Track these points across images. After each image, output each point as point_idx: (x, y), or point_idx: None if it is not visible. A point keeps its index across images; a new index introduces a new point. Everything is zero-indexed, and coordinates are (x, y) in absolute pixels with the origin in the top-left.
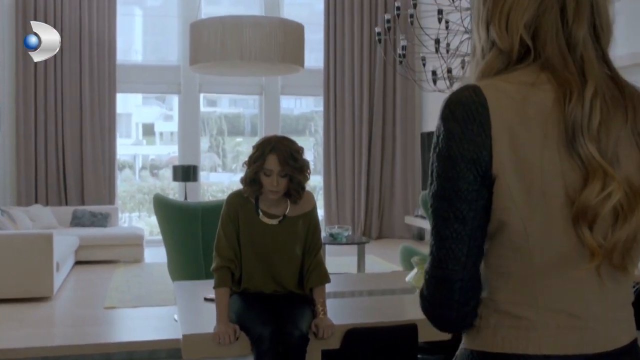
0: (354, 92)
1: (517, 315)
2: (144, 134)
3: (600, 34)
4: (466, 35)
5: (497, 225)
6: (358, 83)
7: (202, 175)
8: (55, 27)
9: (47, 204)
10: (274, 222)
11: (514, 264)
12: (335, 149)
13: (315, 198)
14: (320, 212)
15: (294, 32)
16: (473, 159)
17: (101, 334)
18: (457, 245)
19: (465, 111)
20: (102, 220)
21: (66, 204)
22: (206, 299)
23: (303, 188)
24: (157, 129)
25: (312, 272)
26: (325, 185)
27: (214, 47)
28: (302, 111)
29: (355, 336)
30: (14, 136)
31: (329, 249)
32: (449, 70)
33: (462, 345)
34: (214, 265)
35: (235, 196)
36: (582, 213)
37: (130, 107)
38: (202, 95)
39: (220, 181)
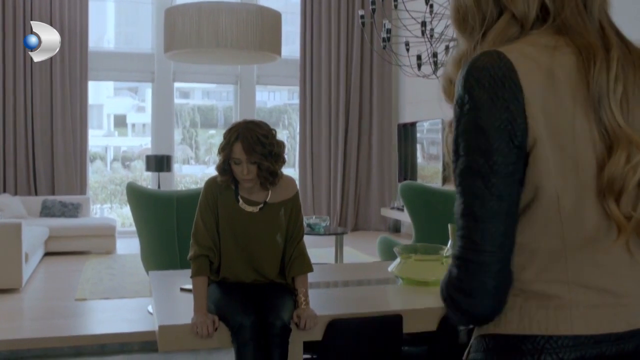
0: (330, 82)
1: (546, 293)
2: (116, 126)
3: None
4: (450, 43)
5: (531, 198)
6: (335, 73)
7: (175, 167)
8: (24, 14)
9: (15, 193)
10: (255, 209)
11: (543, 240)
12: (311, 140)
13: None
14: None
15: (271, 20)
16: (507, 129)
17: (72, 326)
18: (493, 225)
19: (493, 77)
20: (72, 210)
21: (36, 193)
22: (182, 289)
23: (275, 173)
24: (129, 121)
25: (294, 260)
26: (300, 177)
27: (189, 33)
28: (276, 104)
29: (338, 327)
30: None
31: (306, 240)
32: (434, 55)
33: (478, 333)
34: (191, 253)
35: (213, 182)
36: (609, 185)
37: (102, 98)
38: (175, 86)
39: (193, 173)
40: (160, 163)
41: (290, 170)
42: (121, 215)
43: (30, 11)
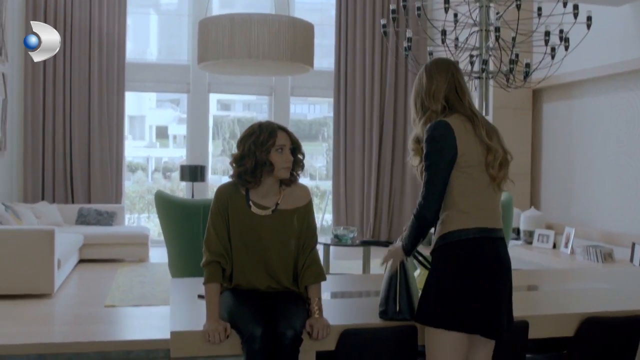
0: (364, 93)
1: (464, 211)
2: (158, 137)
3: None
4: (475, 28)
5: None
6: (369, 85)
7: (214, 178)
8: (65, 26)
9: (53, 201)
10: (267, 212)
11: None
12: (345, 151)
13: (325, 203)
14: (329, 217)
15: (303, 31)
16: (449, 151)
17: (98, 332)
18: (437, 191)
19: (444, 129)
20: (107, 218)
21: (72, 202)
22: (200, 297)
23: (301, 166)
24: (170, 132)
25: (306, 269)
26: (334, 188)
27: (222, 44)
28: (315, 116)
29: (352, 337)
30: (21, 133)
31: (333, 251)
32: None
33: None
34: (203, 260)
35: (224, 188)
36: (487, 164)
37: (144, 109)
38: (216, 98)
39: None
40: (194, 173)
41: (328, 183)
42: (157, 225)
43: (71, 24)
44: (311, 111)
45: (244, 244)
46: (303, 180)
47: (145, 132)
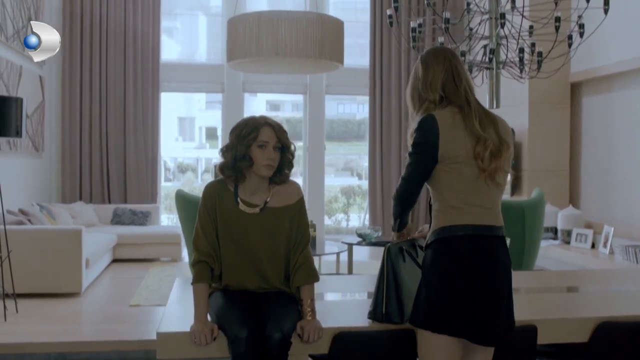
0: (400, 91)
1: (455, 207)
2: (207, 138)
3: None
4: (486, 16)
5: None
6: (405, 82)
7: None
8: (100, 28)
9: (90, 201)
10: (255, 210)
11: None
12: (380, 150)
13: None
14: (366, 216)
15: (332, 28)
16: (433, 144)
17: (119, 331)
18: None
19: (429, 124)
20: (142, 218)
21: (109, 202)
22: None
23: (290, 165)
24: (220, 133)
25: (298, 269)
26: (370, 187)
27: (249, 43)
28: (365, 116)
29: (345, 340)
30: (59, 135)
31: (356, 250)
32: (462, 54)
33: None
34: (191, 260)
35: (212, 186)
36: (476, 155)
37: (194, 111)
38: (265, 99)
39: None
40: None
41: (364, 182)
42: None
43: (107, 25)
44: (360, 110)
45: (232, 242)
46: (350, 179)
47: (195, 133)
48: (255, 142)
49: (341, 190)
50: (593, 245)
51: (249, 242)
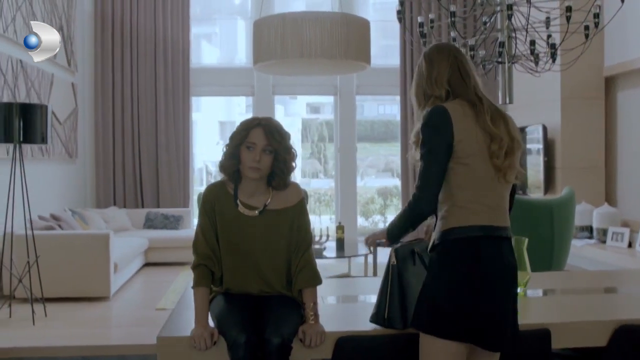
0: None
1: (465, 207)
2: None
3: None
4: (497, 8)
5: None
6: None
7: (304, 181)
8: (131, 33)
9: (124, 206)
10: (254, 213)
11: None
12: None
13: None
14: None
15: (357, 28)
16: (445, 137)
17: (145, 335)
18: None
19: (440, 115)
20: (174, 222)
21: (142, 206)
22: None
23: (289, 171)
24: None
25: (300, 272)
26: (403, 187)
27: (274, 44)
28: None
29: (349, 345)
30: (92, 141)
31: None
32: (472, 48)
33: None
34: (192, 264)
35: (211, 188)
36: (491, 154)
37: (234, 115)
38: (305, 102)
39: (321, 187)
40: None
41: (397, 181)
42: None
43: (137, 30)
44: (397, 111)
45: (232, 245)
46: (391, 180)
47: None
48: (244, 143)
49: (377, 192)
50: (630, 245)
51: (248, 245)
